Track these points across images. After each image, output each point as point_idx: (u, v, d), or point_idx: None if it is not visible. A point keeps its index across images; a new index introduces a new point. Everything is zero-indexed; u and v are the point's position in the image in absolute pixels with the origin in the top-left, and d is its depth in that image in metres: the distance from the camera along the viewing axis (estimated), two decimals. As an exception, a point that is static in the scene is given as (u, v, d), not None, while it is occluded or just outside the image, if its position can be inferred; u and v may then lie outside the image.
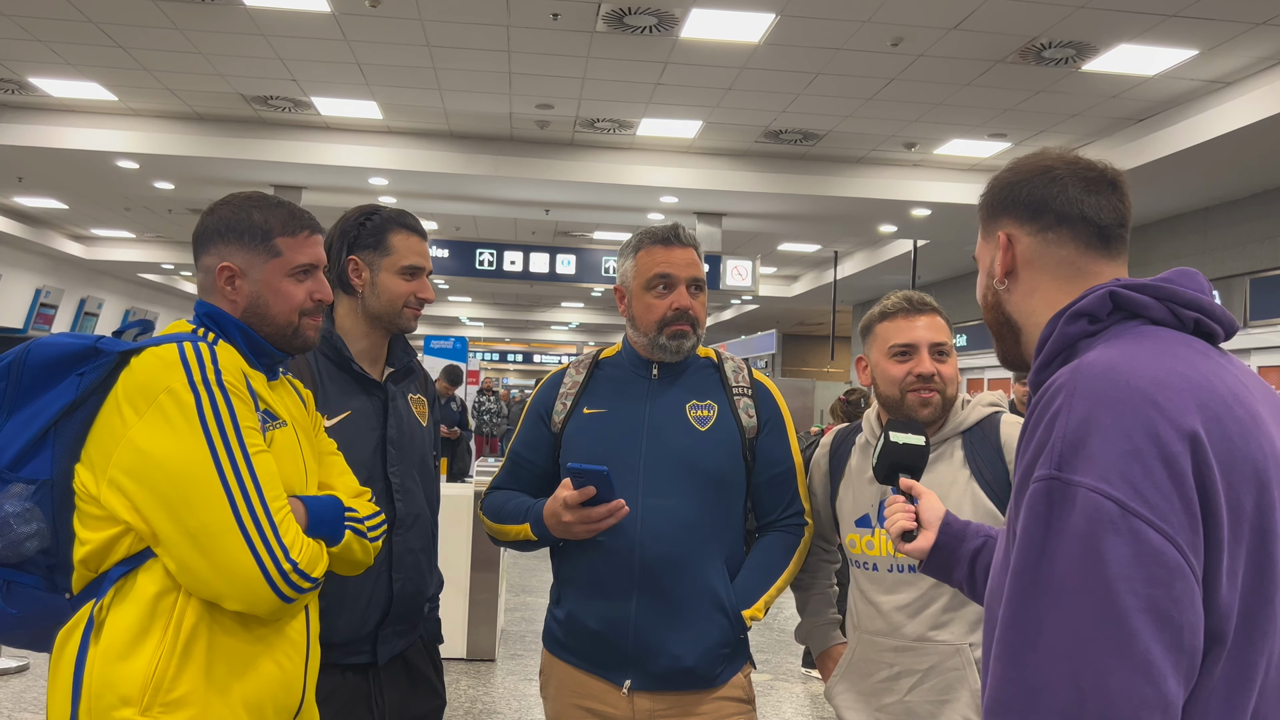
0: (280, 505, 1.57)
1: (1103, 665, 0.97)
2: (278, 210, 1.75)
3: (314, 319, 1.78)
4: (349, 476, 1.88)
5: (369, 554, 1.76)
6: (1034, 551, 1.03)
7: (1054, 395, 1.07)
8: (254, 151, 9.77)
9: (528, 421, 2.28)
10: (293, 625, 1.66)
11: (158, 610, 1.52)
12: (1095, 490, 1.00)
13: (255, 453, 1.56)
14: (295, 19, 6.99)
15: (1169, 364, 1.07)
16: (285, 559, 1.53)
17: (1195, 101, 7.93)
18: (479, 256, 11.69)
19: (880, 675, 2.11)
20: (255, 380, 1.69)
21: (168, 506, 1.50)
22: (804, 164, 10.29)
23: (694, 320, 2.16)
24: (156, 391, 1.53)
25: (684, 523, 2.08)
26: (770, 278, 18.36)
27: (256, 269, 1.72)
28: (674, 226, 2.20)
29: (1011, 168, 1.31)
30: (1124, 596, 0.97)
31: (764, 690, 5.62)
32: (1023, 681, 1.01)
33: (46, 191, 12.32)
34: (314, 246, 1.77)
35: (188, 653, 1.52)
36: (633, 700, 2.08)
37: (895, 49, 7.11)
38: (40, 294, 16.60)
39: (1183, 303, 1.15)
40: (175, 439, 1.52)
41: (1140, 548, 0.98)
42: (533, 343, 37.26)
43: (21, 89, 8.80)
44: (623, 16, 6.72)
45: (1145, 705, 0.96)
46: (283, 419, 1.71)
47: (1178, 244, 10.58)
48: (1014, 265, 1.27)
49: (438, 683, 2.30)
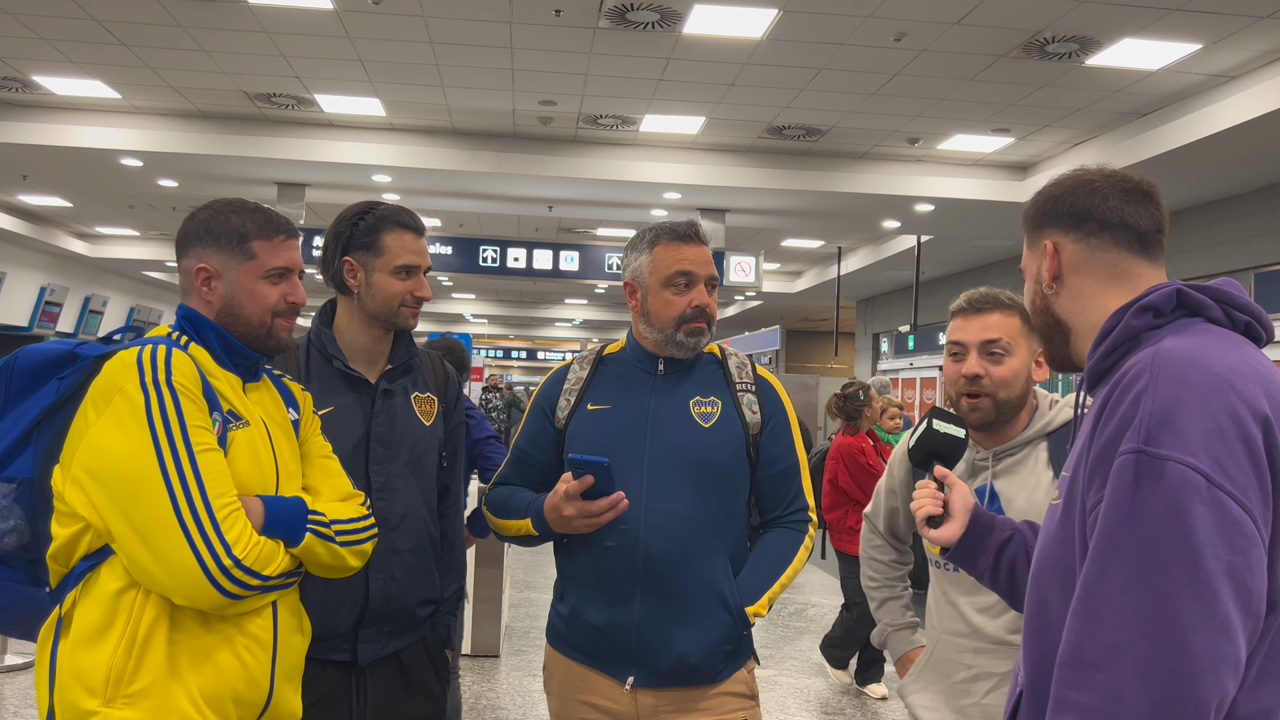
0: (226, 502, 1.60)
1: (1187, 624, 1.05)
2: (255, 215, 1.81)
3: (287, 320, 1.83)
4: (339, 480, 1.90)
5: (340, 558, 1.76)
6: (1120, 519, 1.11)
7: (1136, 377, 1.16)
8: (258, 149, 9.78)
9: (531, 417, 2.28)
10: (255, 621, 1.68)
11: (119, 605, 1.58)
12: (1184, 463, 1.08)
13: (201, 450, 1.60)
14: (298, 16, 7.00)
15: (1239, 355, 1.18)
16: (226, 555, 1.56)
17: (1199, 96, 7.91)
18: (482, 253, 11.70)
19: (958, 676, 2.10)
20: (222, 382, 1.74)
21: (118, 503, 1.56)
22: (807, 160, 10.28)
23: (710, 318, 2.18)
24: (113, 393, 1.60)
25: (687, 519, 2.08)
26: (774, 274, 18.35)
27: (232, 271, 1.78)
28: (692, 223, 2.21)
29: (1054, 182, 1.44)
30: (1210, 561, 1.06)
31: (767, 685, 5.63)
32: (1102, 638, 1.09)
33: (51, 190, 12.34)
34: (289, 250, 1.83)
35: (147, 646, 1.57)
36: (635, 696, 2.09)
37: (898, 44, 7.11)
38: (45, 292, 16.63)
39: (1237, 306, 1.27)
40: (125, 437, 1.57)
41: (1224, 517, 1.07)
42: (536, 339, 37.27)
43: (26, 87, 8.81)
44: (625, 12, 6.72)
45: (1225, 661, 1.05)
46: (246, 420, 1.74)
47: (1182, 239, 10.56)
48: (1060, 270, 1.39)
49: (436, 688, 2.24)
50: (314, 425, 1.95)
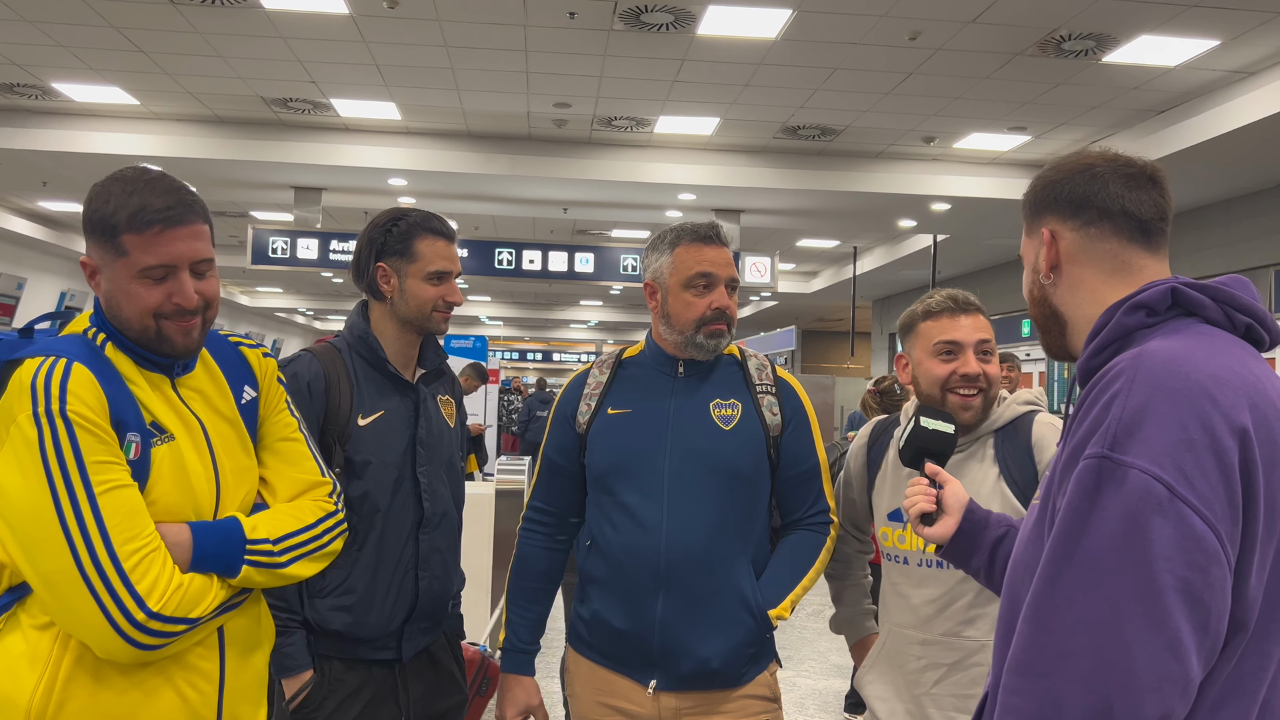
0: (136, 548, 1.42)
1: (1133, 638, 1.01)
2: (130, 200, 1.51)
3: (180, 322, 1.55)
4: (300, 467, 1.71)
5: (286, 577, 1.60)
6: (1077, 524, 1.07)
7: (1113, 379, 1.11)
8: (274, 154, 9.83)
9: (555, 425, 2.28)
10: (196, 653, 1.53)
11: (39, 644, 1.45)
12: (1147, 472, 1.04)
13: (104, 490, 1.41)
14: (314, 21, 7.03)
15: (1226, 361, 1.12)
16: (139, 608, 1.40)
17: (1217, 92, 7.85)
18: (498, 256, 11.72)
19: (909, 667, 2.13)
20: (144, 388, 1.54)
21: (22, 547, 1.41)
22: (822, 159, 10.26)
23: (730, 320, 2.17)
24: (9, 421, 1.42)
25: (709, 522, 2.08)
26: (789, 274, 18.31)
27: (108, 267, 1.54)
28: (713, 225, 2.21)
29: (1054, 166, 1.37)
30: (1163, 575, 1.01)
31: (786, 687, 5.62)
32: (1049, 645, 1.06)
33: (71, 196, 12.43)
34: (168, 243, 1.51)
35: (69, 688, 1.44)
36: (658, 699, 2.09)
37: (913, 43, 7.09)
38: (65, 297, 16.76)
39: (1238, 307, 1.20)
40: (22, 479, 1.40)
41: (1183, 531, 1.02)
42: (552, 341, 37.32)
43: (45, 94, 8.89)
44: (640, 14, 6.73)
45: (1169, 680, 1.01)
46: (171, 432, 1.54)
47: (1200, 236, 10.49)
48: (1058, 260, 1.32)
49: (461, 678, 2.33)
50: (277, 399, 1.75)
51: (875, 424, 2.36)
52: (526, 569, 2.28)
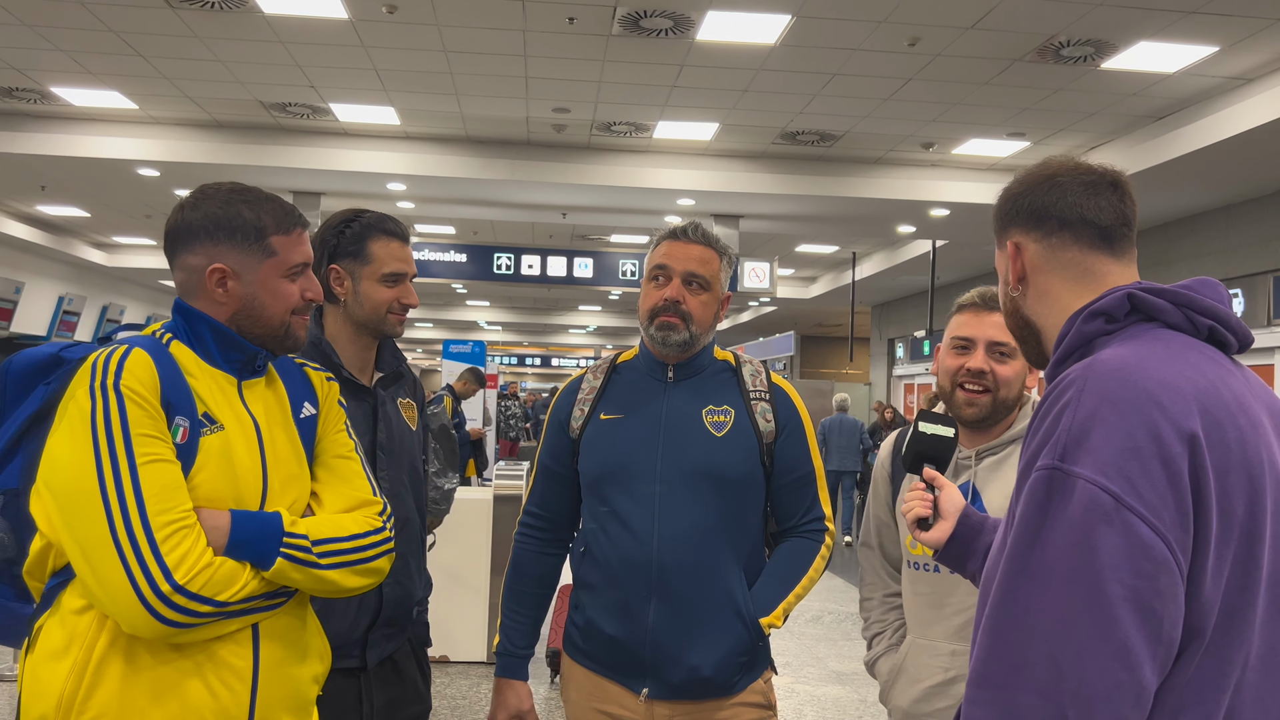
0: (171, 519, 1.45)
1: (1083, 648, 1.02)
2: (268, 205, 1.66)
3: (303, 318, 1.71)
4: (352, 485, 1.74)
5: (326, 582, 1.59)
6: (1029, 536, 1.08)
7: (1065, 389, 1.12)
8: (273, 158, 9.83)
9: (550, 431, 2.27)
10: (227, 648, 1.53)
11: (76, 627, 1.48)
12: (1093, 482, 1.05)
13: (146, 462, 1.46)
14: (313, 26, 7.03)
15: (1177, 368, 1.12)
16: (165, 579, 1.41)
17: (1216, 98, 7.86)
18: (496, 260, 11.73)
19: (935, 680, 2.10)
20: (205, 381, 1.59)
21: (65, 518, 1.45)
22: (821, 165, 10.27)
23: (685, 314, 2.12)
24: (69, 399, 1.50)
25: (701, 529, 2.07)
26: (788, 279, 18.31)
27: (251, 270, 1.63)
28: (693, 223, 2.21)
29: (1018, 179, 1.38)
30: (1111, 585, 1.02)
31: (784, 694, 5.60)
32: (1006, 657, 1.07)
33: (69, 200, 12.44)
34: (306, 244, 1.71)
35: (100, 673, 1.46)
36: (650, 707, 2.08)
37: (912, 49, 7.09)
38: (63, 301, 16.75)
39: (1199, 310, 1.20)
40: (72, 447, 1.46)
41: (1131, 540, 1.03)
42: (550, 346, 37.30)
43: (44, 98, 8.89)
44: (638, 19, 6.73)
45: (1119, 688, 1.01)
46: (222, 423, 1.58)
47: (1200, 242, 10.49)
48: (1024, 271, 1.33)
49: (423, 687, 2.31)
50: (336, 420, 1.80)
51: (897, 436, 2.34)
52: (521, 573, 2.28)
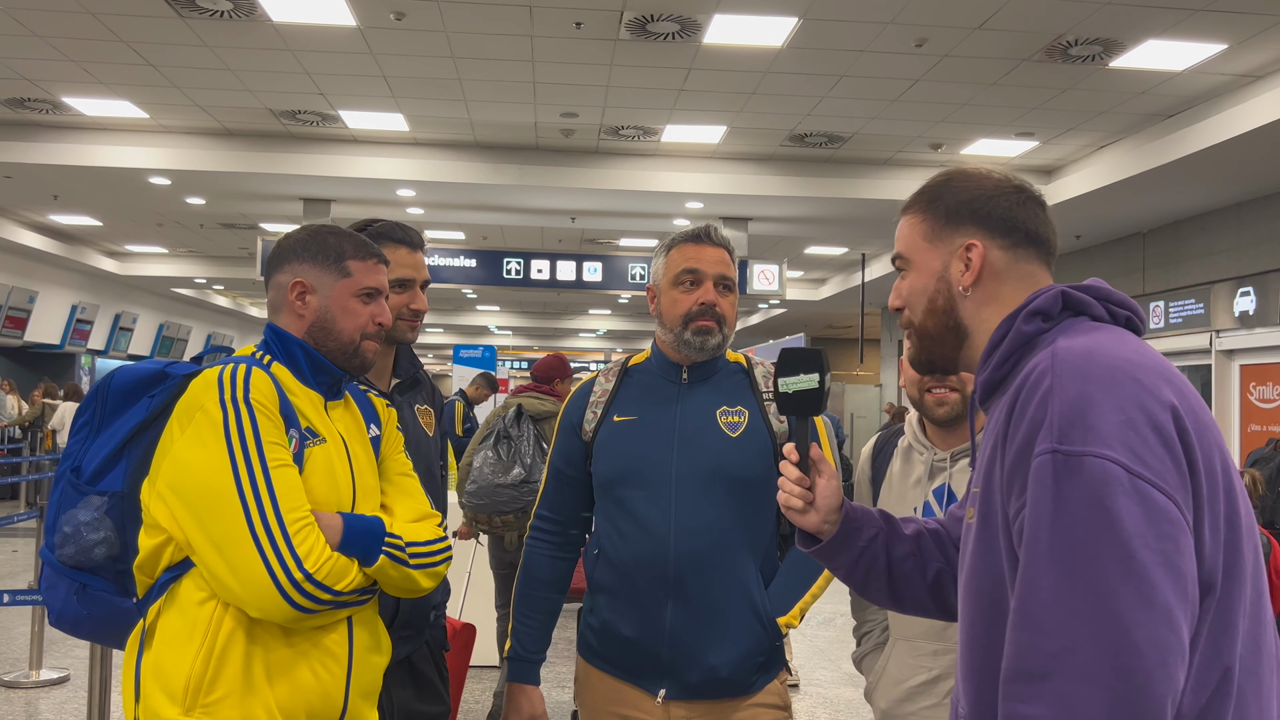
0: (298, 517, 1.63)
1: (1130, 618, 1.02)
2: (350, 238, 1.88)
3: (372, 343, 1.87)
4: (416, 500, 1.92)
5: (412, 580, 1.78)
6: (1047, 520, 1.08)
7: (1040, 378, 1.14)
8: (283, 165, 9.88)
9: (562, 434, 2.28)
10: (330, 637, 1.71)
11: (199, 616, 1.62)
12: (1102, 456, 1.06)
13: (276, 466, 1.63)
14: (322, 34, 7.07)
15: (1132, 348, 1.18)
16: (297, 568, 1.59)
17: (1225, 96, 7.84)
18: (506, 265, 11.75)
19: (918, 679, 2.11)
20: (302, 399, 1.78)
21: (196, 517, 1.61)
22: (830, 167, 10.27)
23: (720, 317, 2.14)
24: (195, 410, 1.66)
25: (717, 529, 2.08)
26: (797, 281, 18.30)
27: (327, 286, 1.83)
28: (706, 226, 2.21)
29: (963, 176, 1.37)
30: (1142, 551, 1.04)
31: (796, 695, 5.60)
32: (1043, 646, 1.05)
33: (81, 209, 12.51)
34: (380, 274, 1.89)
35: (225, 657, 1.61)
36: (668, 709, 2.08)
37: (920, 50, 7.09)
38: (76, 310, 16.85)
39: (1115, 302, 1.28)
40: (204, 453, 1.62)
41: (1149, 506, 1.05)
42: (561, 350, 37.34)
43: (56, 109, 8.95)
44: (645, 24, 6.74)
45: (1171, 651, 1.02)
46: (324, 437, 1.77)
47: (1211, 240, 10.46)
48: (981, 275, 1.33)
49: (442, 689, 2.34)
50: (395, 442, 1.98)
51: (879, 436, 2.35)
52: (533, 578, 2.28)
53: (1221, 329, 10.25)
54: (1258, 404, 9.96)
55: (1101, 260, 12.33)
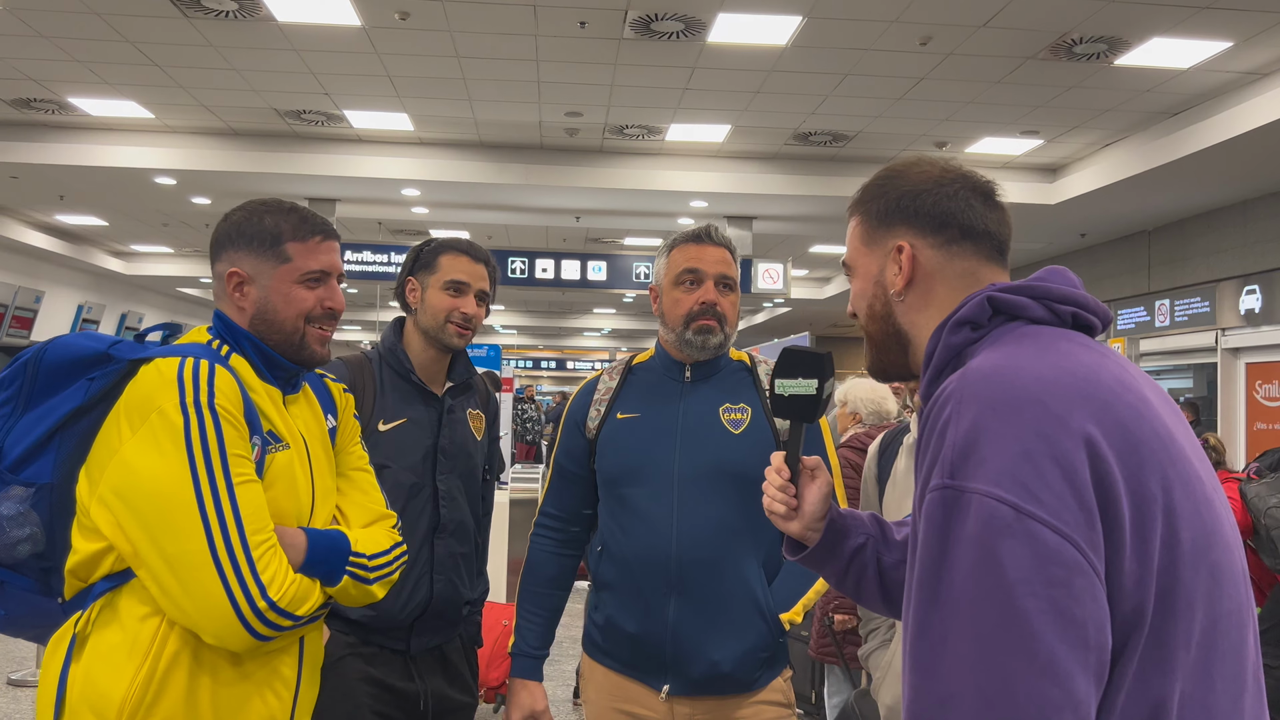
0: (262, 539, 1.50)
1: (1008, 671, 0.96)
2: (290, 215, 1.69)
3: (321, 329, 1.71)
4: (370, 498, 1.80)
5: (370, 595, 1.67)
6: (933, 563, 1.02)
7: (943, 404, 1.07)
8: (288, 165, 9.89)
9: (565, 432, 2.30)
10: (284, 661, 1.60)
11: (140, 634, 1.49)
12: (989, 495, 0.99)
13: (241, 482, 1.50)
14: (327, 33, 7.08)
15: (1053, 360, 1.07)
16: (261, 596, 1.46)
17: (1231, 94, 7.82)
18: (511, 264, 11.75)
19: None
20: (262, 397, 1.64)
21: (148, 530, 1.46)
22: (834, 165, 10.26)
23: (721, 316, 2.15)
24: (149, 410, 1.49)
25: (720, 526, 2.09)
26: (802, 280, 18.29)
27: (265, 274, 1.67)
28: (706, 226, 2.23)
29: (897, 174, 1.29)
30: (1024, 599, 0.96)
31: (803, 694, 5.59)
32: (932, 692, 1.00)
33: (87, 209, 12.54)
34: (327, 253, 1.71)
35: (167, 680, 1.48)
36: (671, 705, 2.09)
37: (924, 48, 7.08)
38: (82, 310, 16.89)
39: (1058, 299, 1.16)
40: (161, 461, 1.46)
41: (1037, 549, 0.97)
42: (565, 349, 37.35)
43: (61, 109, 8.97)
44: (650, 23, 6.75)
45: (1052, 706, 0.95)
46: (286, 441, 1.64)
47: (1217, 238, 10.43)
48: (913, 277, 1.25)
49: (472, 682, 2.40)
50: (353, 433, 1.86)
51: (883, 436, 2.35)
52: (537, 574, 2.30)
53: (1227, 327, 10.22)
54: (1263, 402, 9.94)
55: (1106, 258, 12.31)
